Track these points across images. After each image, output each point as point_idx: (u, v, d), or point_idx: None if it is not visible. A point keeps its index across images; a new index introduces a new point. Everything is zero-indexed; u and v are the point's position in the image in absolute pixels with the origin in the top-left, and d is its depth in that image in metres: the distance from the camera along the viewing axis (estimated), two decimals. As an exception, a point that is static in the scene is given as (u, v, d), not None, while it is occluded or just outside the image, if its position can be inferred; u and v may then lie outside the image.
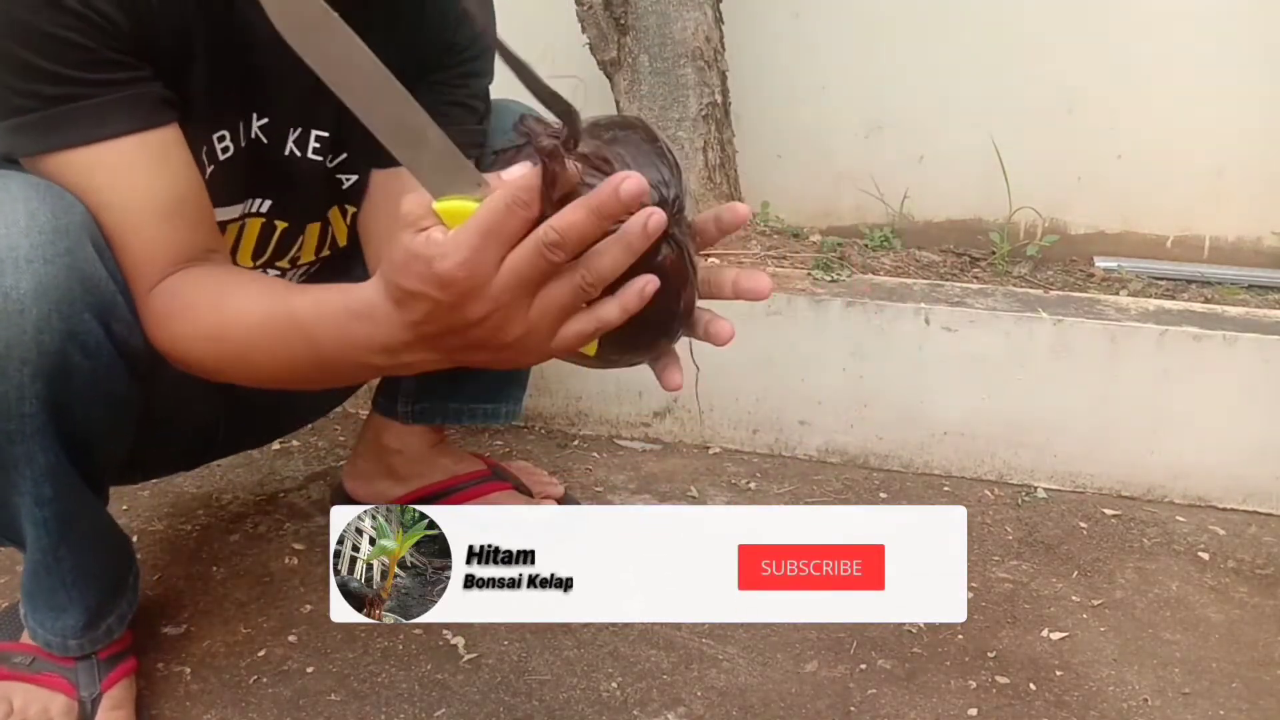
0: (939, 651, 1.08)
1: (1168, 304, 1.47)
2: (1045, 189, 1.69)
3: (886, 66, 1.72)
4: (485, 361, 0.62)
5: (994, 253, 1.65)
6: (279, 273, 1.00)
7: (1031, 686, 1.04)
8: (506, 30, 1.01)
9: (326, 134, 0.92)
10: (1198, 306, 1.46)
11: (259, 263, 0.97)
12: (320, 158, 0.93)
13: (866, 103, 1.74)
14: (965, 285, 1.51)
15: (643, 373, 0.68)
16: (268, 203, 0.93)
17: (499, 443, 1.48)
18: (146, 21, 0.75)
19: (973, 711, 1.00)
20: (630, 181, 0.53)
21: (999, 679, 1.04)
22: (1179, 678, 1.06)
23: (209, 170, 0.85)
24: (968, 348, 1.40)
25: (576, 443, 1.50)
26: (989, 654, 1.08)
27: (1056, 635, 1.12)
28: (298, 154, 0.91)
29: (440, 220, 0.56)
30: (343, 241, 1.02)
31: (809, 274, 1.50)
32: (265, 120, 0.88)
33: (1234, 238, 1.69)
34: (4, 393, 0.73)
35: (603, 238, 0.55)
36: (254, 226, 0.94)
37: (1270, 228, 1.68)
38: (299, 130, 0.91)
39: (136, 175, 0.77)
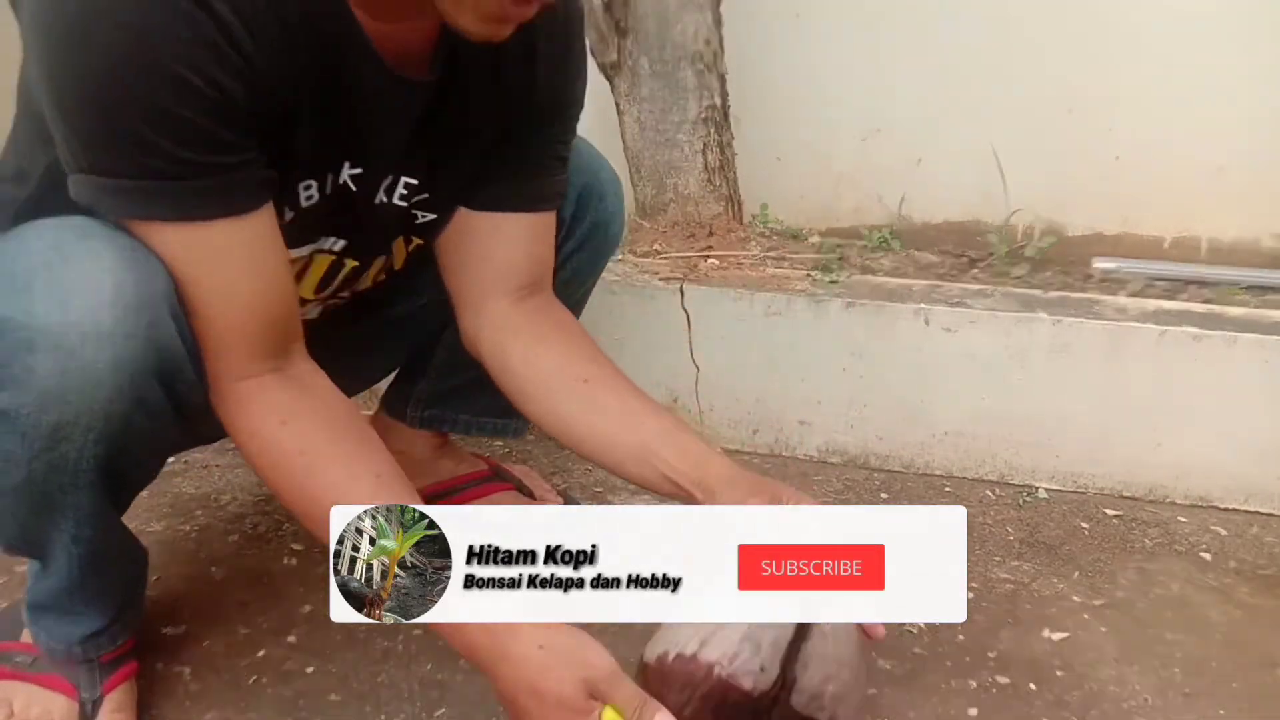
0: (939, 651, 1.08)
1: (1167, 304, 1.47)
2: (1044, 190, 1.69)
3: (886, 68, 1.72)
4: None
5: (992, 254, 1.65)
6: (339, 302, 0.99)
7: (1032, 686, 1.04)
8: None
9: (416, 182, 0.90)
10: (1198, 307, 1.46)
11: (322, 295, 0.95)
12: (405, 203, 0.91)
13: (865, 105, 1.74)
14: (965, 286, 1.51)
15: (641, 371, 0.68)
16: (341, 242, 0.91)
17: (499, 443, 1.48)
18: (259, 87, 0.72)
19: (973, 711, 1.00)
20: None
21: (999, 679, 1.04)
22: (1180, 678, 1.06)
23: (288, 217, 0.82)
24: (968, 348, 1.40)
25: (577, 444, 1.50)
26: (989, 654, 1.08)
27: (1057, 635, 1.12)
28: (385, 200, 0.89)
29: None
30: (398, 267, 1.00)
31: (808, 275, 1.51)
32: (359, 170, 0.85)
33: (1233, 238, 1.69)
34: (65, 453, 0.75)
35: None
36: (322, 263, 0.92)
37: (1269, 228, 1.68)
38: (390, 178, 0.88)
39: (228, 261, 0.76)
